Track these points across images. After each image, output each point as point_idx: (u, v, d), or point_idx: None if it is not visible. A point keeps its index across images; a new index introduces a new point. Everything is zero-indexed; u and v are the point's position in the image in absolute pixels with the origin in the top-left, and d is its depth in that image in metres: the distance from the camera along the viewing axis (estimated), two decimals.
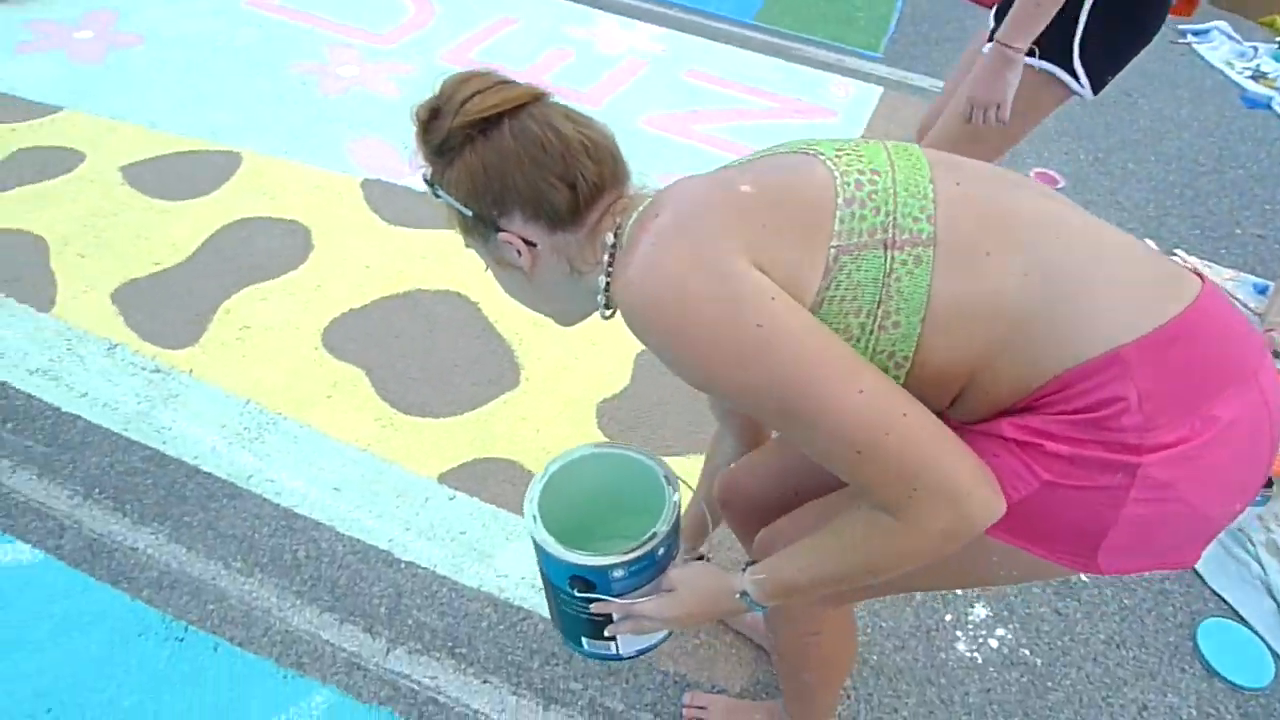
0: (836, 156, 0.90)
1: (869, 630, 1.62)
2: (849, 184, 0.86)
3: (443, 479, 1.79)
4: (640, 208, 0.94)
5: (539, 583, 1.61)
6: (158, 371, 1.94)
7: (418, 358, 2.04)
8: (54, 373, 1.91)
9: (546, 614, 1.57)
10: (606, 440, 1.25)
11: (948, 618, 1.65)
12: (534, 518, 1.10)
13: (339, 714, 1.42)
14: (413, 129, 0.95)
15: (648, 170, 1.01)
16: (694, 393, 2.01)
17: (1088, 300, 0.83)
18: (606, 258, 0.95)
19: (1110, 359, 0.82)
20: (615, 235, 0.94)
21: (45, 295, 2.09)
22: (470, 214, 0.93)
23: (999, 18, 1.82)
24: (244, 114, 2.78)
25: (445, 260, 2.31)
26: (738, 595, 0.99)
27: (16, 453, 1.75)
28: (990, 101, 1.78)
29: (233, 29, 3.23)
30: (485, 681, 1.48)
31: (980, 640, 1.62)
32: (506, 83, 0.92)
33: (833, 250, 0.84)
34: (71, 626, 1.50)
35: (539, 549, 1.10)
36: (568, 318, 1.08)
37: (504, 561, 1.65)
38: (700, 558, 1.26)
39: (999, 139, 1.88)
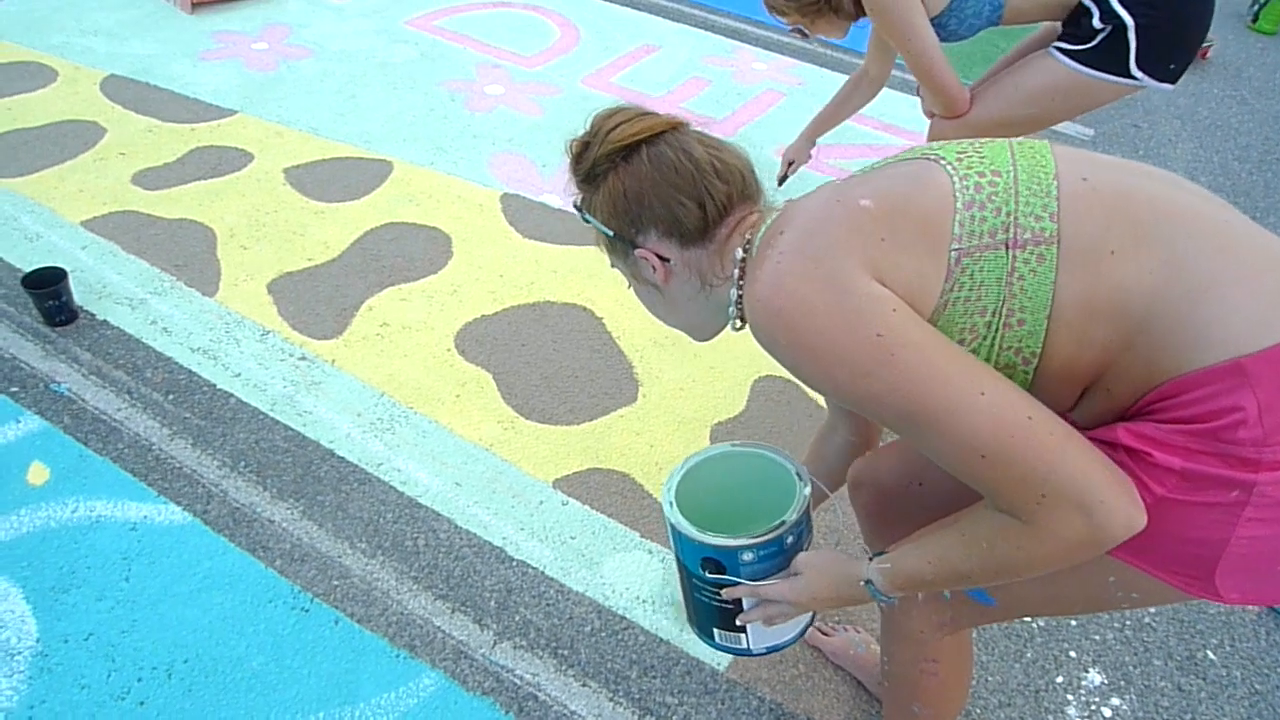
0: (957, 159, 0.91)
1: (975, 683, 1.57)
2: (969, 186, 0.88)
3: (557, 484, 1.84)
4: (768, 223, 0.98)
5: (642, 594, 1.65)
6: (304, 359, 2.08)
7: (541, 366, 2.12)
8: (213, 352, 2.07)
9: (648, 626, 1.60)
10: (743, 440, 1.28)
11: (1059, 679, 1.59)
12: (670, 503, 1.13)
13: (445, 699, 1.48)
14: (566, 160, 1.04)
15: (778, 199, 1.05)
16: (808, 420, 2.02)
17: (1216, 303, 0.81)
18: (736, 271, 1.00)
19: (1231, 367, 0.79)
20: (745, 250, 0.99)
21: (211, 281, 2.27)
22: (611, 234, 1.02)
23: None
24: (397, 126, 2.96)
25: (574, 275, 2.38)
26: (862, 583, 1.00)
27: (175, 422, 1.91)
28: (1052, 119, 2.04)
29: (392, 46, 3.44)
30: (584, 685, 1.51)
31: (1092, 708, 1.56)
32: (646, 114, 1.00)
33: (954, 253, 0.86)
34: (211, 586, 1.62)
35: (673, 533, 1.13)
36: (701, 331, 1.13)
37: (610, 570, 1.69)
38: None
39: (1034, 125, 2.05)
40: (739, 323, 1.05)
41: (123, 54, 3.21)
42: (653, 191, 0.98)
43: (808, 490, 1.12)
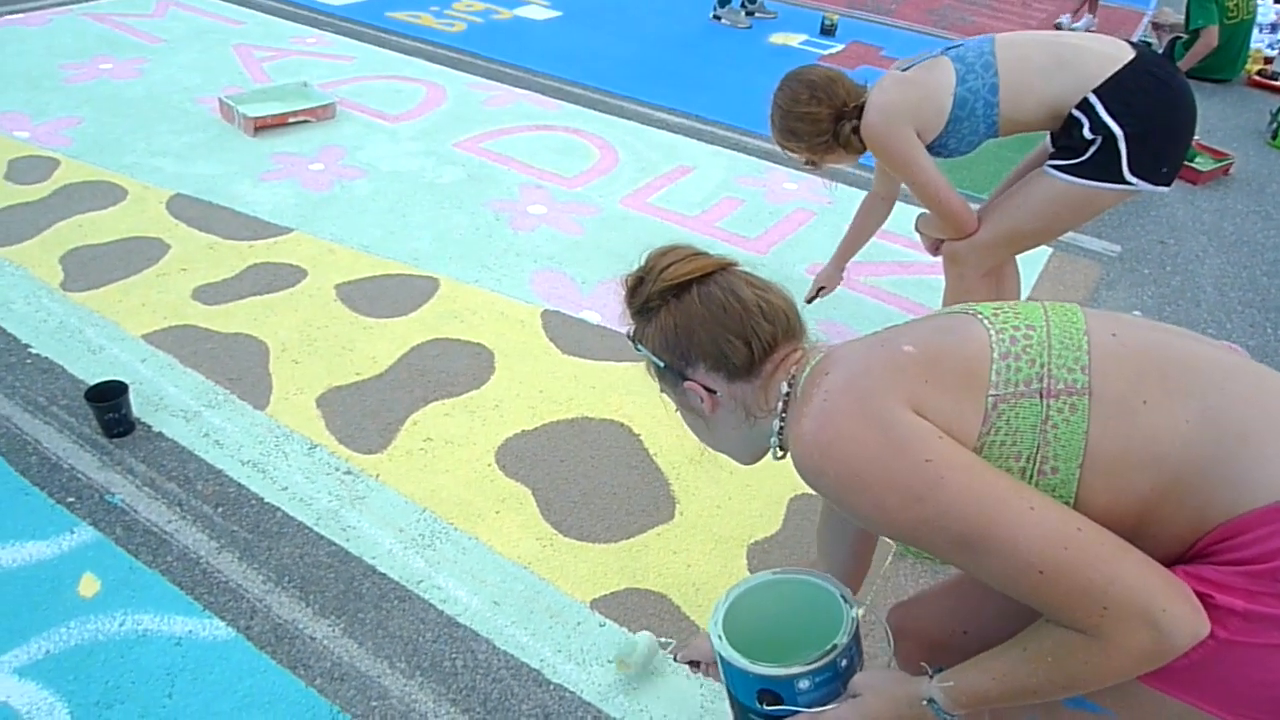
0: (994, 315, 0.97)
1: None
2: (1004, 339, 0.93)
3: (594, 605, 1.84)
4: (813, 362, 1.03)
5: None
6: (349, 474, 2.13)
7: (580, 482, 2.15)
8: (262, 465, 2.13)
9: None
10: (785, 567, 1.29)
11: None
12: (719, 637, 1.13)
13: None
14: (620, 290, 1.11)
15: (810, 318, 1.11)
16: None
17: (1257, 446, 0.84)
18: (780, 405, 1.05)
19: (1275, 510, 0.81)
20: (789, 385, 1.04)
21: (263, 394, 2.35)
22: (662, 365, 1.08)
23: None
24: (444, 244, 3.09)
25: (612, 391, 2.44)
26: (925, 701, 0.99)
27: (223, 535, 1.95)
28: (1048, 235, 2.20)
29: (440, 167, 3.62)
30: None
31: None
32: (698, 254, 1.09)
33: (990, 399, 0.90)
34: (252, 705, 1.62)
35: (725, 666, 1.13)
36: (744, 457, 1.18)
37: (648, 697, 1.67)
38: None
39: (1041, 237, 2.22)
40: (780, 452, 1.10)
41: (188, 174, 3.41)
42: (702, 329, 1.04)
43: (855, 612, 1.13)
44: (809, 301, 2.76)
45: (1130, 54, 1.95)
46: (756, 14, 5.83)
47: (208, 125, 3.81)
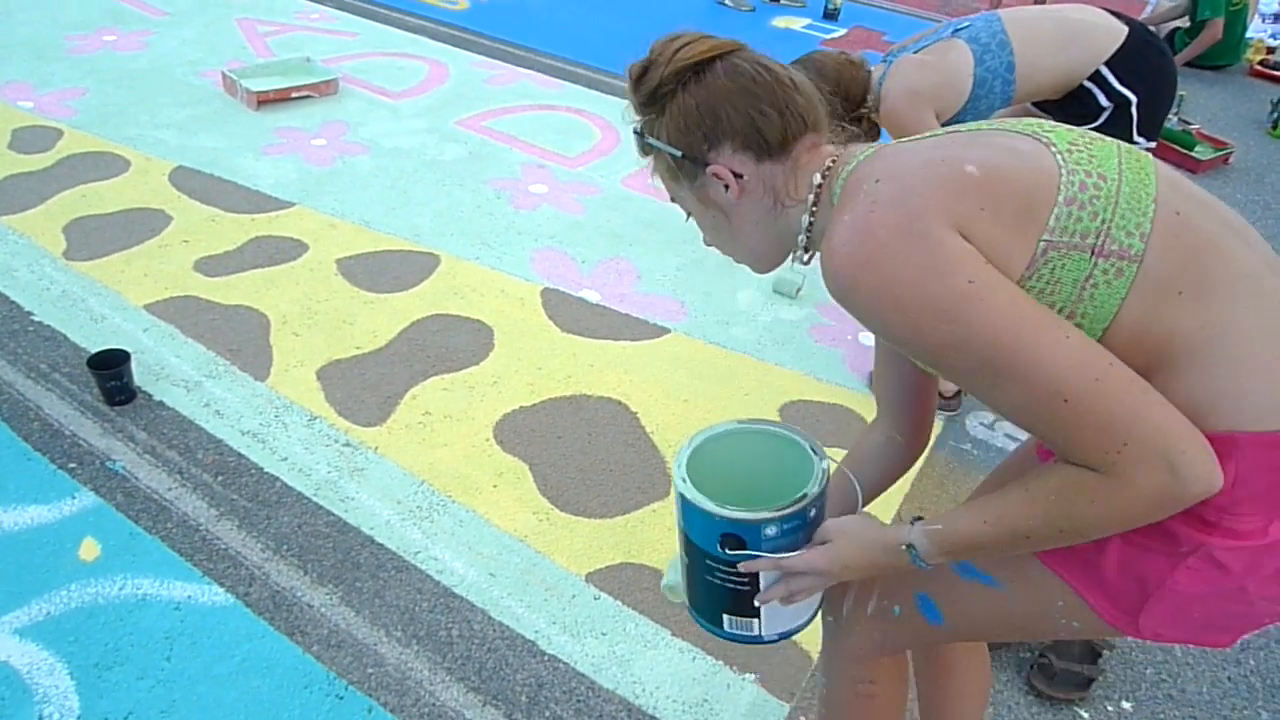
0: (1068, 151, 0.91)
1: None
2: (1074, 183, 0.87)
3: (590, 578, 1.87)
4: (860, 157, 0.97)
5: (676, 693, 1.65)
6: (348, 445, 2.15)
7: (577, 458, 2.17)
8: (262, 436, 2.15)
9: None
10: (753, 418, 1.22)
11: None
12: (683, 479, 1.06)
13: None
14: (625, 85, 1.04)
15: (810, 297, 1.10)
16: None
17: (1246, 375, 0.84)
18: (811, 197, 0.99)
19: (1225, 438, 0.83)
20: (824, 176, 0.98)
21: (263, 366, 2.37)
22: (680, 153, 1.00)
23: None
24: (445, 221, 3.09)
25: (610, 369, 2.45)
26: (904, 547, 0.96)
27: (223, 504, 1.97)
28: None
29: (442, 144, 3.62)
30: None
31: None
32: (709, 36, 1.01)
33: (1042, 243, 0.86)
34: (250, 670, 1.65)
35: (688, 510, 1.06)
36: (764, 261, 1.10)
37: (641, 668, 1.70)
38: None
39: None
40: (806, 254, 1.05)
41: (191, 147, 3.41)
42: (729, 103, 0.97)
43: (825, 464, 1.07)
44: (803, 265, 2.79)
45: (1124, 26, 2.07)
46: (726, 2, 5.78)
47: (211, 99, 3.81)
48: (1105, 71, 2.02)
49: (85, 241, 2.80)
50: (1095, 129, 2.01)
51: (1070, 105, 2.10)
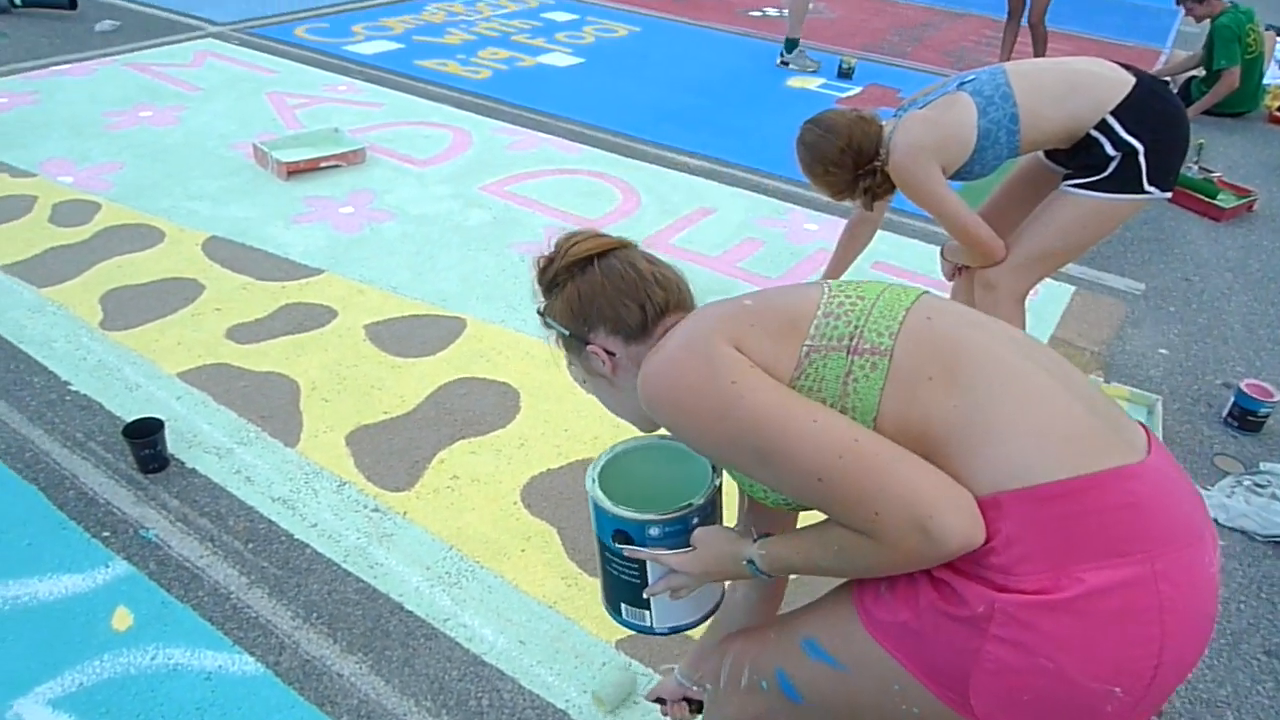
0: (838, 288, 1.09)
1: None
2: (833, 303, 1.06)
3: (619, 645, 1.85)
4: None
5: None
6: (376, 511, 2.16)
7: None
8: (292, 502, 2.17)
9: None
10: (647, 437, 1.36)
11: None
12: (593, 480, 1.25)
13: None
14: (532, 274, 1.23)
15: None
16: None
17: (999, 443, 0.93)
18: None
19: (990, 501, 0.91)
20: None
21: (293, 432, 2.39)
22: (568, 333, 1.19)
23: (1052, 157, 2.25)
24: (470, 285, 3.14)
25: (636, 429, 2.45)
26: (745, 561, 1.11)
27: (253, 571, 1.98)
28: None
29: (466, 210, 3.69)
30: None
31: None
32: (600, 235, 1.20)
33: (805, 348, 1.02)
34: None
35: (592, 507, 1.23)
36: (643, 422, 1.26)
37: None
38: None
39: (1069, 255, 2.31)
40: None
41: (223, 217, 3.50)
42: (601, 295, 1.15)
43: (718, 481, 1.23)
44: None
45: (1132, 77, 2.08)
46: (791, 64, 5.91)
47: (242, 170, 3.92)
48: (1111, 121, 2.04)
49: (121, 311, 2.86)
50: (1105, 178, 2.08)
51: (1079, 154, 2.12)
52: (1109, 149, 2.05)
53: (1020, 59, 6.10)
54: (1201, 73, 5.61)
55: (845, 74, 5.75)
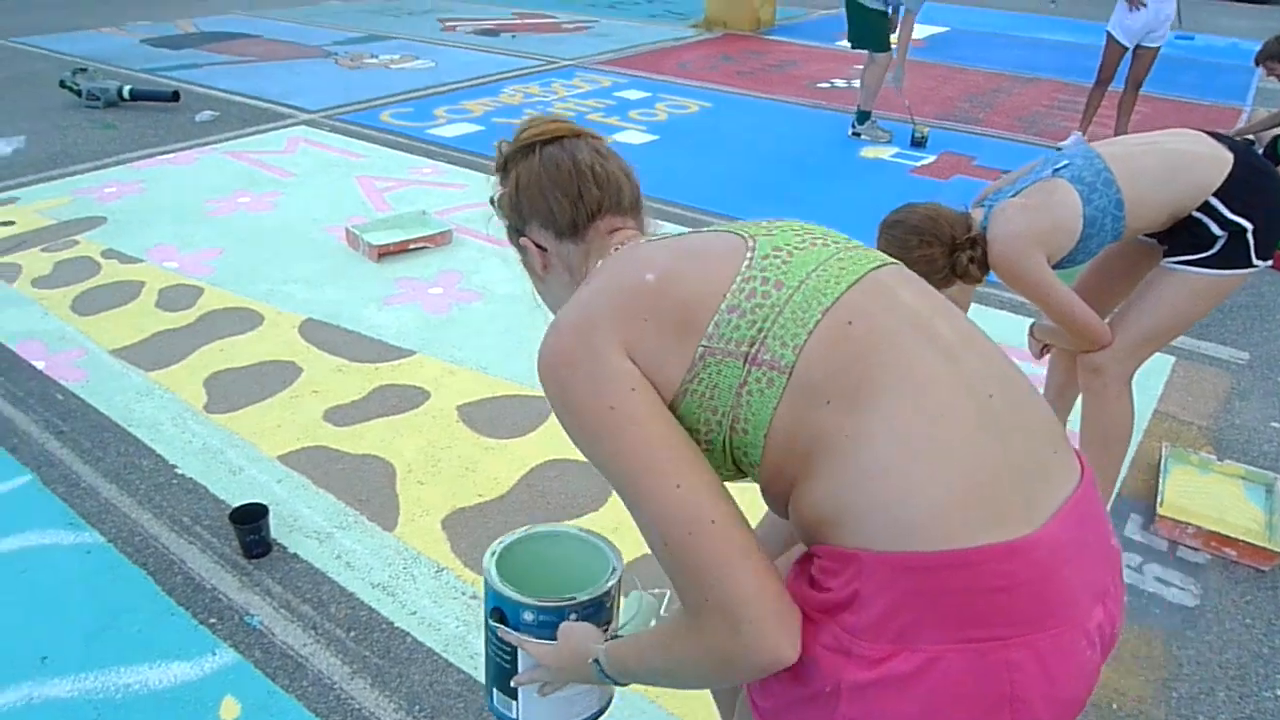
0: (767, 256, 0.97)
1: None
2: (744, 290, 0.94)
3: None
4: (619, 249, 1.08)
5: None
6: (474, 598, 2.15)
7: None
8: (391, 589, 2.18)
9: None
10: (585, 529, 1.36)
11: None
12: (493, 554, 1.24)
13: None
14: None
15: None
16: None
17: (877, 490, 0.85)
18: None
19: (849, 555, 0.85)
20: (603, 261, 1.09)
21: (391, 516, 2.42)
22: (507, 222, 1.15)
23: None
24: None
25: None
26: (591, 660, 1.06)
27: (356, 660, 1.98)
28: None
29: None
30: None
31: None
32: (557, 120, 1.14)
33: (701, 348, 0.92)
34: None
35: (485, 581, 1.22)
36: None
37: None
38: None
39: (1175, 332, 2.22)
40: None
41: (318, 300, 3.63)
42: (536, 186, 1.10)
43: (612, 581, 1.20)
44: None
45: (1229, 153, 2.03)
46: (863, 135, 5.96)
47: (335, 252, 4.07)
48: (1215, 202, 1.99)
49: (224, 394, 2.96)
50: (1210, 256, 2.02)
51: (1182, 235, 2.07)
52: (1215, 229, 2.00)
53: (1099, 128, 6.02)
54: None
55: (919, 143, 5.76)
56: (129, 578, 2.21)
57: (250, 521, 2.25)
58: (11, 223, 4.29)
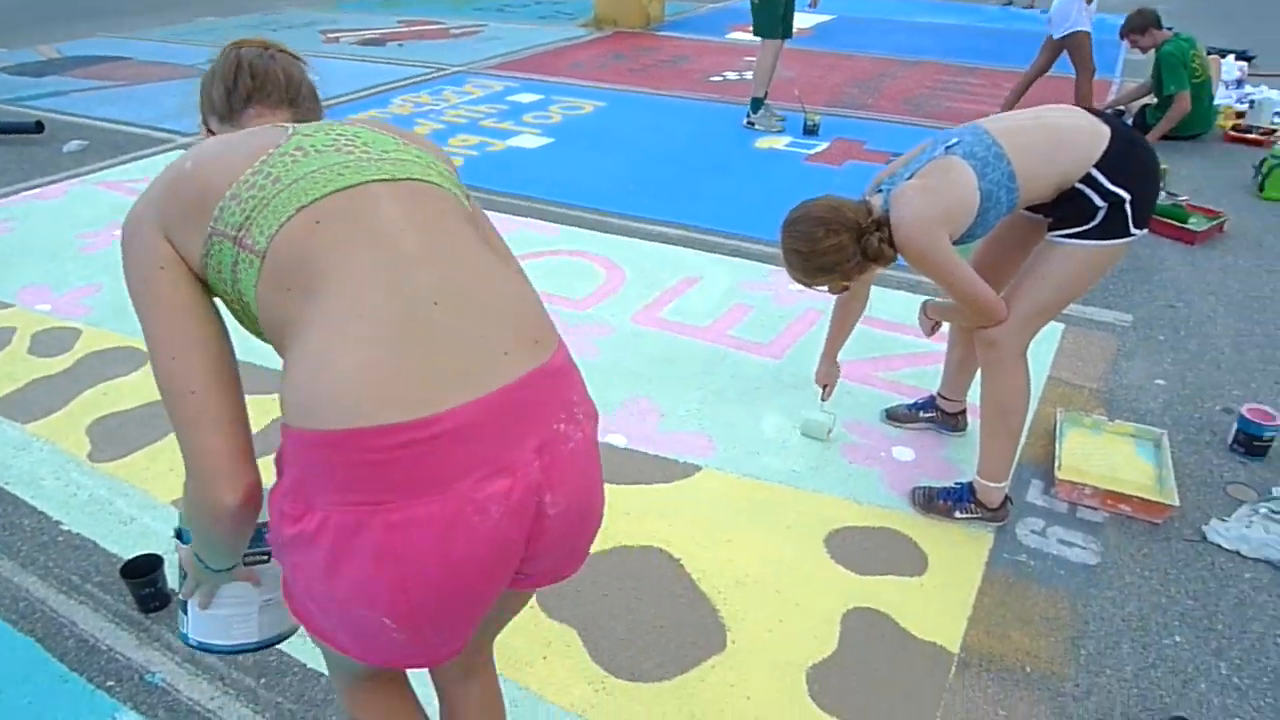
0: (286, 154, 1.09)
1: None
2: (247, 182, 1.06)
3: None
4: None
5: None
6: None
7: (624, 617, 2.10)
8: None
9: None
10: None
11: None
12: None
13: None
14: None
15: (843, 420, 1.09)
16: (902, 654, 1.95)
17: (300, 374, 0.99)
18: None
19: (284, 430, 1.01)
20: None
21: None
22: (201, 114, 1.31)
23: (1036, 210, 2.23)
24: None
25: (646, 515, 2.41)
26: (173, 531, 1.30)
27: (269, 708, 1.89)
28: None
29: None
30: None
31: None
32: (254, 38, 1.32)
33: (209, 229, 1.06)
34: None
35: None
36: None
37: None
38: None
39: (1064, 304, 2.30)
40: None
41: None
42: (209, 79, 1.28)
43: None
44: (827, 398, 2.78)
45: (1105, 126, 2.10)
46: (757, 124, 6.02)
47: None
48: (1096, 174, 2.06)
49: (110, 441, 2.80)
50: (1094, 227, 2.08)
51: (1062, 206, 2.13)
52: (1096, 200, 2.07)
53: (987, 111, 6.23)
54: (1154, 100, 5.76)
55: (811, 130, 5.86)
56: (15, 647, 2.06)
57: (144, 574, 2.13)
58: None
